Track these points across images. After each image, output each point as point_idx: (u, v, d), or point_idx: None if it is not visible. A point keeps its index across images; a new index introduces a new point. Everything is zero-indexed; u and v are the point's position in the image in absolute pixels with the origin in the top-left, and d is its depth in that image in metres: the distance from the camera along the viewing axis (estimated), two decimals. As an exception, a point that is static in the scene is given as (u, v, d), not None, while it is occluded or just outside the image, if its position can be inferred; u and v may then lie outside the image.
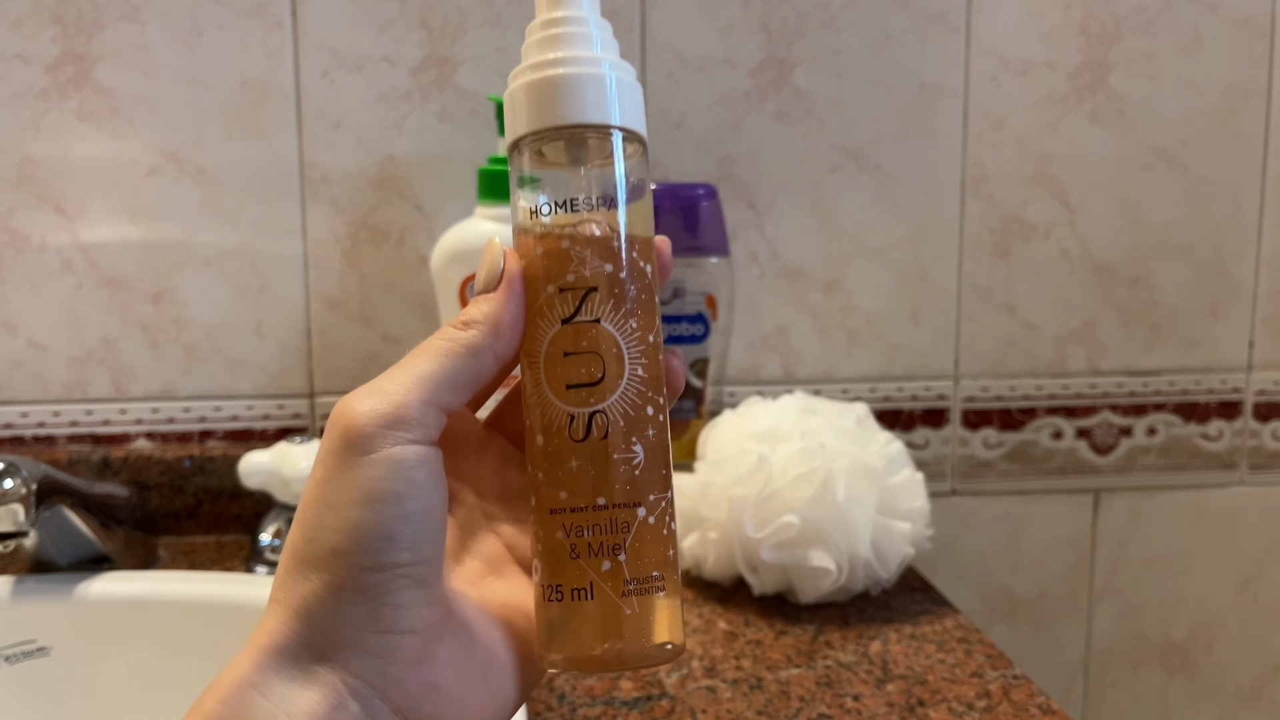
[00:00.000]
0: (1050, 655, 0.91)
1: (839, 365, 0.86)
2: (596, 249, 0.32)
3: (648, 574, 0.32)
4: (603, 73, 0.32)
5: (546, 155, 0.33)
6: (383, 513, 0.28)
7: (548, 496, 0.32)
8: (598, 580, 0.31)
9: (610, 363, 0.32)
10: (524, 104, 0.32)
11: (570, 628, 0.31)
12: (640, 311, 0.32)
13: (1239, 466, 0.91)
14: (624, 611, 0.31)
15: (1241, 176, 0.88)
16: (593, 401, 0.31)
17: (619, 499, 0.31)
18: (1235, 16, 0.86)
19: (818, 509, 0.64)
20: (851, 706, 0.54)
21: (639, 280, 0.32)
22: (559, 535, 0.31)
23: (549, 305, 0.32)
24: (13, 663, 0.59)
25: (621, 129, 0.32)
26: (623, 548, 0.31)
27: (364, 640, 0.28)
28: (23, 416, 0.81)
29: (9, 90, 0.78)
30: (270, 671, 0.28)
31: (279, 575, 0.29)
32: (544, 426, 0.32)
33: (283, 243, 0.81)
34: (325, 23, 0.79)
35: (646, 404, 0.32)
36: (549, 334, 0.32)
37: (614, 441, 0.31)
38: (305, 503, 0.29)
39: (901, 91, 0.84)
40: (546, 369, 0.32)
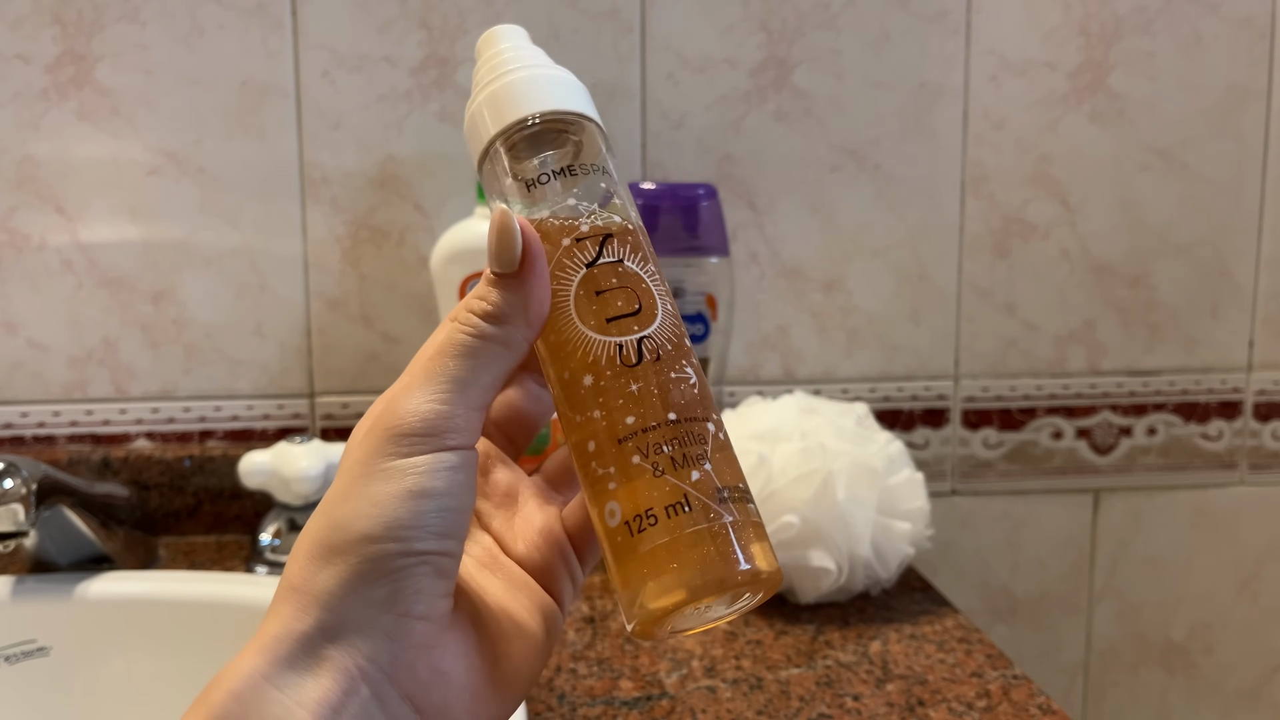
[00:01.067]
0: (1050, 655, 0.91)
1: (839, 365, 0.86)
2: (601, 201, 0.33)
3: (735, 484, 0.31)
4: (550, 74, 0.34)
5: (522, 145, 0.34)
6: (422, 506, 0.28)
7: (611, 428, 0.31)
8: (691, 490, 0.30)
9: (643, 296, 0.32)
10: (490, 110, 0.34)
11: (668, 553, 0.29)
12: (651, 257, 0.33)
13: (1239, 466, 0.91)
14: (724, 518, 0.30)
15: (1241, 176, 0.88)
16: (636, 329, 0.31)
17: (688, 414, 0.31)
18: (1235, 16, 0.86)
19: (818, 509, 0.64)
20: (851, 706, 0.54)
21: (643, 232, 0.34)
22: (635, 460, 0.30)
23: (568, 256, 0.32)
24: (13, 663, 0.59)
25: (584, 115, 0.34)
26: (705, 457, 0.31)
27: (380, 621, 0.28)
28: (23, 416, 0.81)
29: (9, 90, 0.78)
30: (282, 661, 0.28)
31: (297, 564, 0.29)
32: (590, 365, 0.31)
33: (283, 243, 0.81)
34: (325, 23, 0.79)
35: (683, 336, 0.32)
36: (574, 280, 0.32)
37: (667, 362, 0.31)
38: (336, 495, 0.29)
39: (901, 91, 0.84)
40: (580, 312, 0.32)
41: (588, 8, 0.80)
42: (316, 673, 0.28)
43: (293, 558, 0.29)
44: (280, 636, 0.28)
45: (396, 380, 0.31)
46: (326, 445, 0.73)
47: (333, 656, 0.28)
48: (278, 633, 0.28)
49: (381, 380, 0.82)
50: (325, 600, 0.28)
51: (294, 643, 0.28)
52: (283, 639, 0.28)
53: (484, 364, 0.30)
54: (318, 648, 0.28)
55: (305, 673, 0.28)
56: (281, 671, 0.28)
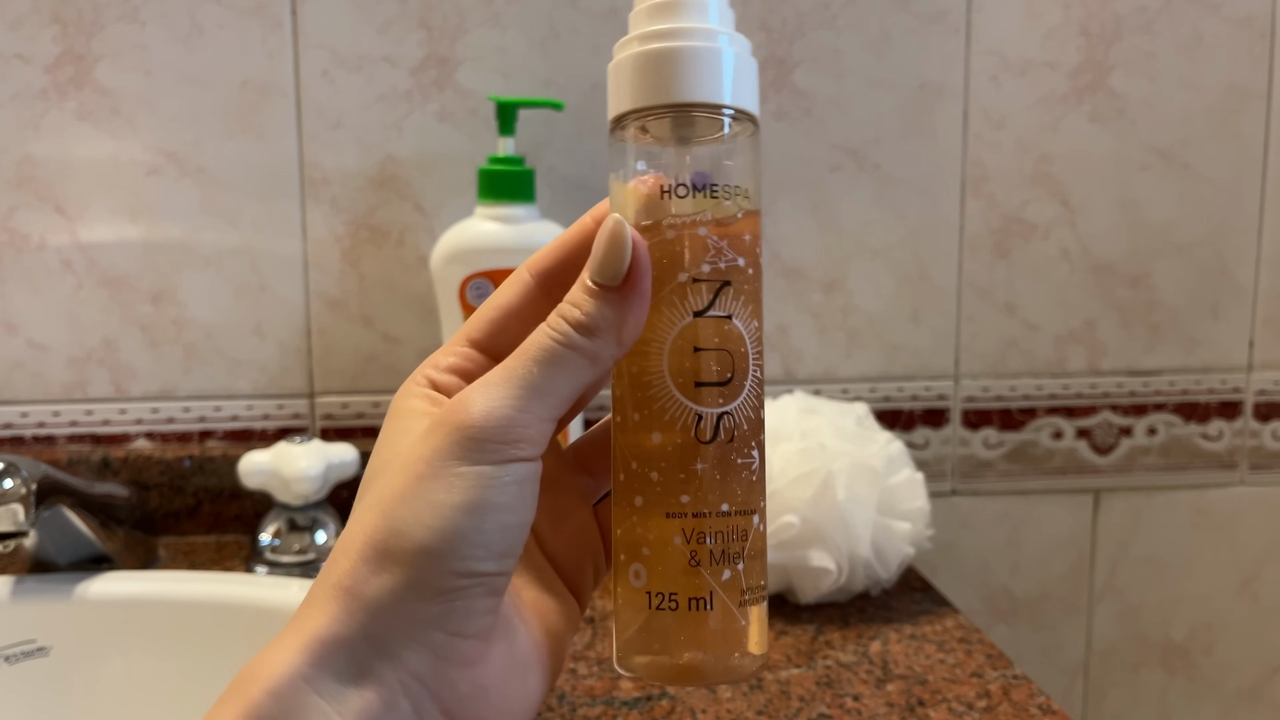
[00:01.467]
0: (1050, 655, 0.91)
1: (839, 365, 0.86)
2: (732, 241, 0.30)
3: (758, 583, 0.31)
4: (716, 47, 0.30)
5: (657, 133, 0.30)
6: (484, 521, 0.27)
7: (664, 498, 0.30)
8: (718, 590, 0.30)
9: (738, 362, 0.30)
10: (633, 77, 0.30)
11: (675, 637, 0.30)
12: (759, 309, 0.31)
13: (1239, 466, 0.91)
14: (738, 623, 0.30)
15: (1241, 176, 0.88)
16: (721, 402, 0.30)
17: (741, 506, 0.30)
18: (1235, 16, 0.86)
19: (818, 509, 0.64)
20: (851, 706, 0.54)
21: (758, 276, 0.31)
22: (677, 541, 0.30)
23: (678, 295, 0.30)
24: (13, 663, 0.59)
25: (734, 108, 0.30)
26: (741, 556, 0.30)
27: (429, 639, 0.28)
28: (23, 416, 0.81)
29: (9, 90, 0.78)
30: (325, 665, 0.27)
31: (349, 560, 0.28)
32: (664, 424, 0.30)
33: (283, 243, 0.81)
34: (325, 23, 0.79)
35: (761, 407, 0.31)
36: (677, 326, 0.30)
37: (739, 445, 0.30)
38: (394, 492, 0.28)
39: (901, 91, 0.84)
40: (672, 363, 0.30)
41: (587, 7, 0.80)
42: (360, 683, 0.27)
43: (343, 551, 0.28)
44: (325, 640, 0.27)
45: None
46: (326, 445, 0.73)
47: (377, 668, 0.27)
48: (322, 634, 0.27)
49: (382, 380, 0.82)
50: (376, 610, 0.27)
51: (339, 648, 0.27)
52: (328, 643, 0.27)
53: (565, 375, 0.29)
54: (363, 657, 0.27)
55: (348, 681, 0.27)
56: (323, 676, 0.27)
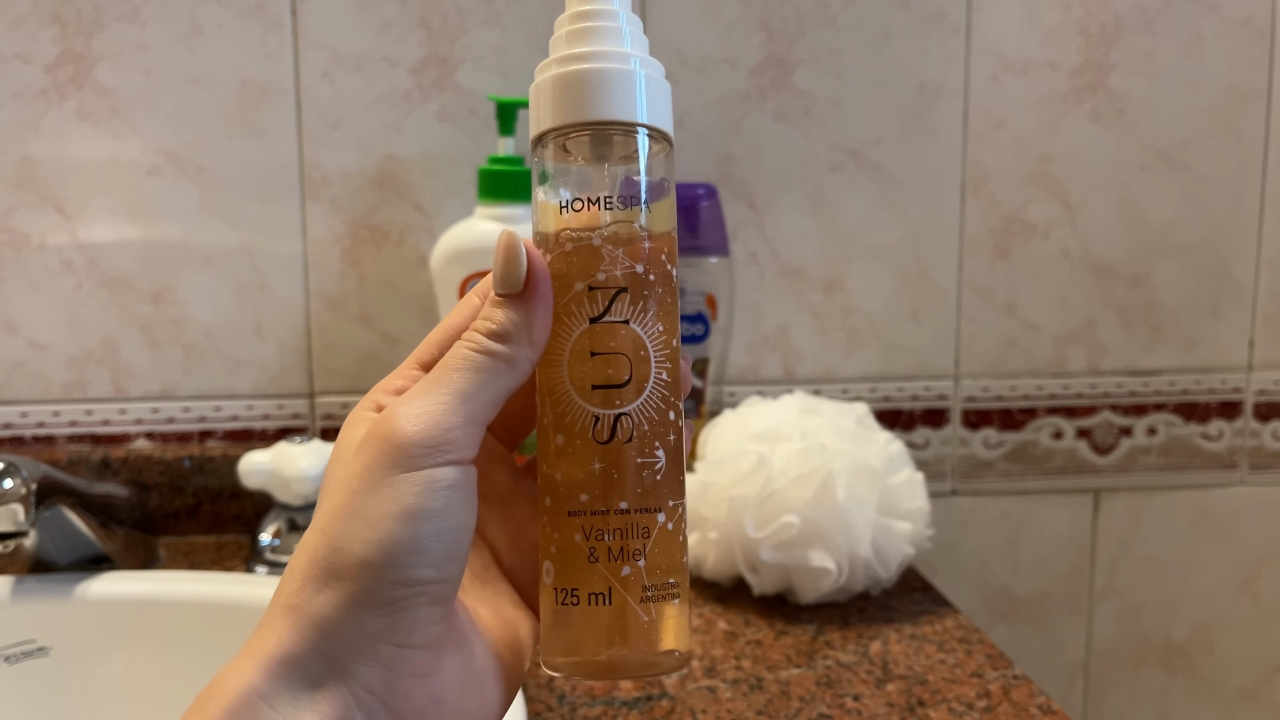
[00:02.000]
0: (1050, 655, 0.91)
1: (839, 365, 0.86)
2: (628, 249, 0.31)
3: (664, 580, 0.31)
4: (632, 69, 0.32)
5: (572, 151, 0.32)
6: (419, 529, 0.28)
7: (566, 498, 0.31)
8: (616, 586, 0.31)
9: (637, 365, 0.31)
10: (552, 98, 0.32)
11: (581, 632, 0.31)
12: (665, 315, 0.32)
13: (1239, 466, 0.91)
14: (640, 618, 0.31)
15: (1241, 176, 0.88)
16: (618, 404, 0.31)
17: (641, 504, 0.31)
18: (1235, 16, 0.86)
19: (818, 509, 0.64)
20: (851, 706, 0.54)
21: (665, 283, 0.32)
22: (577, 538, 0.31)
23: (576, 303, 0.31)
24: (13, 663, 0.59)
25: (649, 127, 0.32)
26: (643, 553, 0.31)
27: (378, 652, 0.28)
28: (23, 416, 0.81)
29: (9, 90, 0.78)
30: (280, 682, 0.28)
31: (295, 580, 0.29)
32: (565, 426, 0.31)
33: (282, 243, 0.81)
34: (325, 23, 0.79)
35: (669, 409, 0.32)
36: (575, 332, 0.31)
37: (638, 445, 0.31)
38: (333, 510, 0.29)
39: (901, 91, 0.84)
40: (571, 368, 0.31)
41: (588, 8, 0.80)
42: (314, 699, 0.28)
43: (289, 572, 0.29)
44: (278, 657, 0.28)
45: None
46: (326, 445, 0.73)
47: (329, 683, 0.28)
48: (275, 653, 0.28)
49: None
50: (323, 626, 0.28)
51: (292, 666, 0.28)
52: (281, 660, 0.28)
53: (486, 379, 0.30)
54: (315, 672, 0.28)
55: (303, 697, 0.28)
56: (279, 692, 0.28)
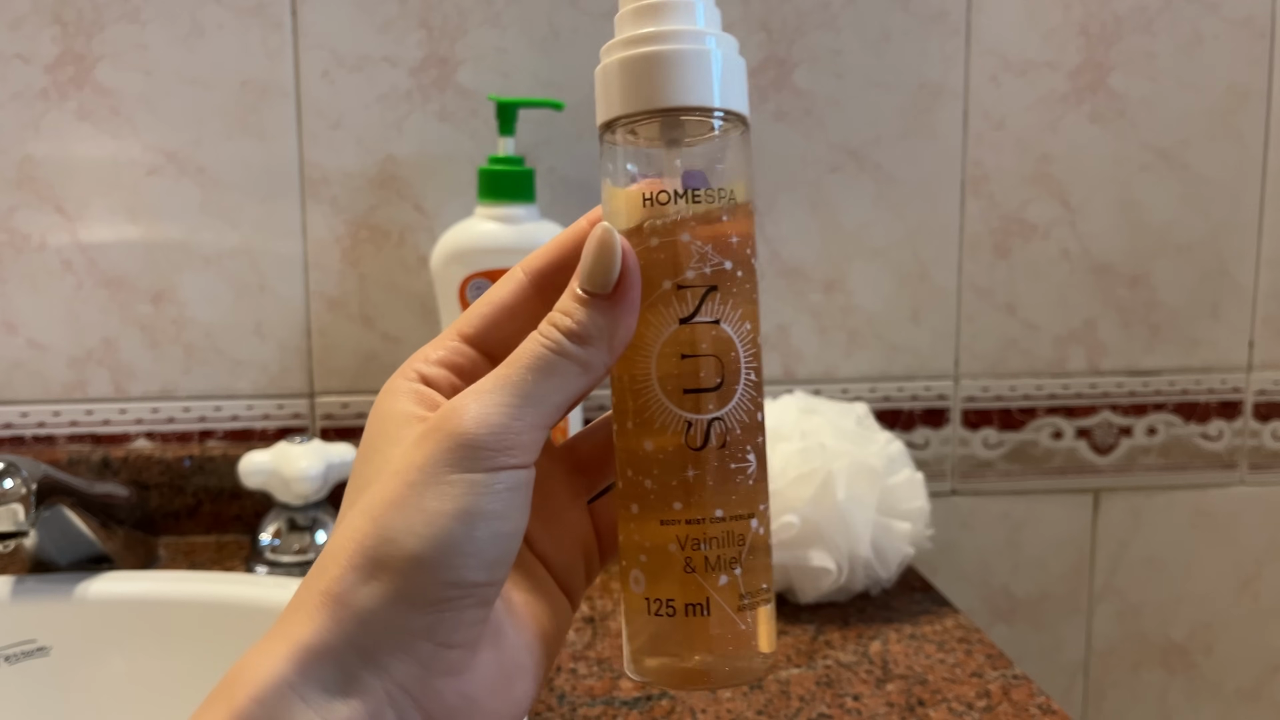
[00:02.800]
0: (1050, 655, 0.91)
1: (839, 365, 0.86)
2: (718, 245, 0.30)
3: (758, 586, 0.31)
4: (707, 49, 0.30)
5: (645, 140, 0.31)
6: (476, 530, 0.27)
7: (658, 505, 0.30)
8: (714, 596, 0.30)
9: (728, 367, 0.30)
10: (621, 82, 0.30)
11: (677, 641, 0.30)
12: (751, 311, 0.31)
13: (1239, 466, 0.91)
14: (738, 627, 0.30)
15: (1241, 176, 0.88)
16: (711, 408, 0.30)
17: (736, 511, 0.30)
18: (1235, 16, 0.86)
19: (818, 509, 0.64)
20: (851, 706, 0.54)
21: (750, 277, 0.31)
22: (671, 547, 0.30)
23: (664, 302, 0.30)
24: (13, 663, 0.59)
25: (726, 111, 0.30)
26: (739, 562, 0.30)
27: (417, 649, 0.27)
28: (23, 416, 0.81)
29: (9, 90, 0.78)
30: (311, 674, 0.27)
31: (338, 566, 0.28)
32: (654, 432, 0.30)
33: (283, 243, 0.81)
34: (325, 23, 0.79)
35: (757, 410, 0.31)
36: (664, 333, 0.30)
37: (732, 450, 0.30)
38: (385, 499, 0.28)
39: (901, 91, 0.84)
40: (660, 371, 0.30)
41: (587, 7, 0.80)
42: (346, 693, 0.27)
43: (332, 557, 0.28)
44: (312, 648, 0.27)
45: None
46: (326, 445, 0.73)
47: (363, 678, 0.27)
48: (310, 642, 0.27)
49: (382, 380, 0.82)
50: (365, 619, 0.27)
51: (327, 657, 0.27)
52: (315, 652, 0.27)
53: (558, 383, 0.29)
54: (350, 666, 0.27)
55: (335, 691, 0.27)
56: (310, 685, 0.27)
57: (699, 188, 0.30)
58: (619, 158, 0.31)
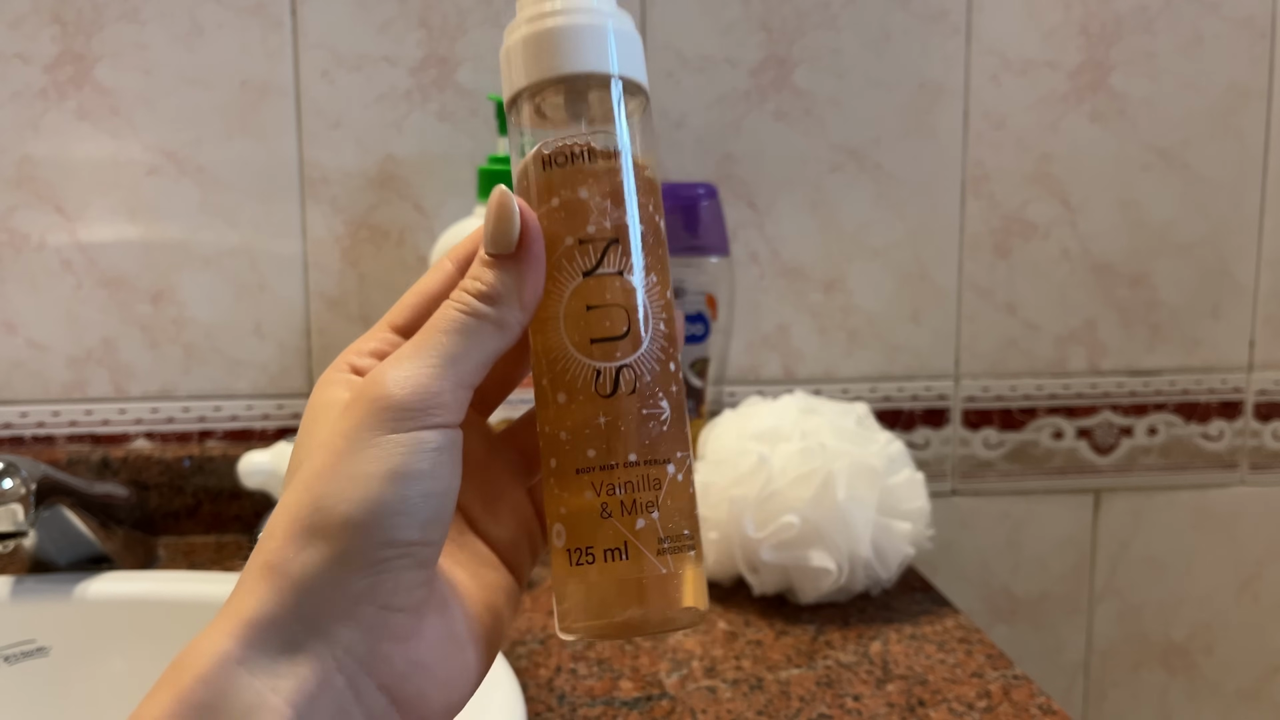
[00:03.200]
0: (1050, 655, 0.91)
1: (839, 365, 0.86)
2: (615, 199, 0.31)
3: (680, 532, 0.31)
4: (600, 23, 0.31)
5: (548, 109, 0.32)
6: (406, 489, 0.28)
7: (573, 455, 0.31)
8: (632, 539, 0.30)
9: (634, 316, 0.31)
10: (523, 57, 0.31)
11: (598, 591, 0.30)
12: (657, 265, 0.32)
13: (1240, 466, 0.91)
14: (659, 570, 0.30)
15: (1241, 176, 0.88)
16: (619, 356, 0.31)
17: (650, 455, 0.31)
18: (1235, 16, 0.86)
19: (818, 509, 0.64)
20: (852, 706, 0.54)
21: (655, 233, 0.32)
22: (588, 495, 0.30)
23: (568, 258, 0.31)
24: (12, 663, 0.59)
25: (623, 78, 0.32)
26: (655, 505, 0.30)
27: (360, 614, 0.28)
28: (22, 416, 0.81)
29: (9, 90, 0.78)
30: (255, 645, 0.27)
31: (274, 539, 0.28)
32: (566, 384, 0.31)
33: (282, 242, 0.81)
34: (325, 22, 0.79)
35: (669, 359, 0.31)
36: (569, 288, 0.31)
37: (641, 396, 0.31)
38: (317, 469, 0.28)
39: (901, 91, 0.84)
40: (568, 324, 0.31)
41: (588, 7, 0.80)
42: (293, 660, 0.27)
43: (269, 532, 0.28)
44: (255, 621, 0.27)
45: None
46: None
47: (309, 645, 0.27)
48: (252, 616, 0.27)
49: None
50: (304, 586, 0.27)
51: (270, 628, 0.27)
52: (259, 623, 0.27)
53: (475, 342, 0.30)
54: (294, 635, 0.27)
55: (280, 660, 0.27)
56: (255, 657, 0.27)
57: (597, 148, 0.31)
58: (525, 130, 0.32)
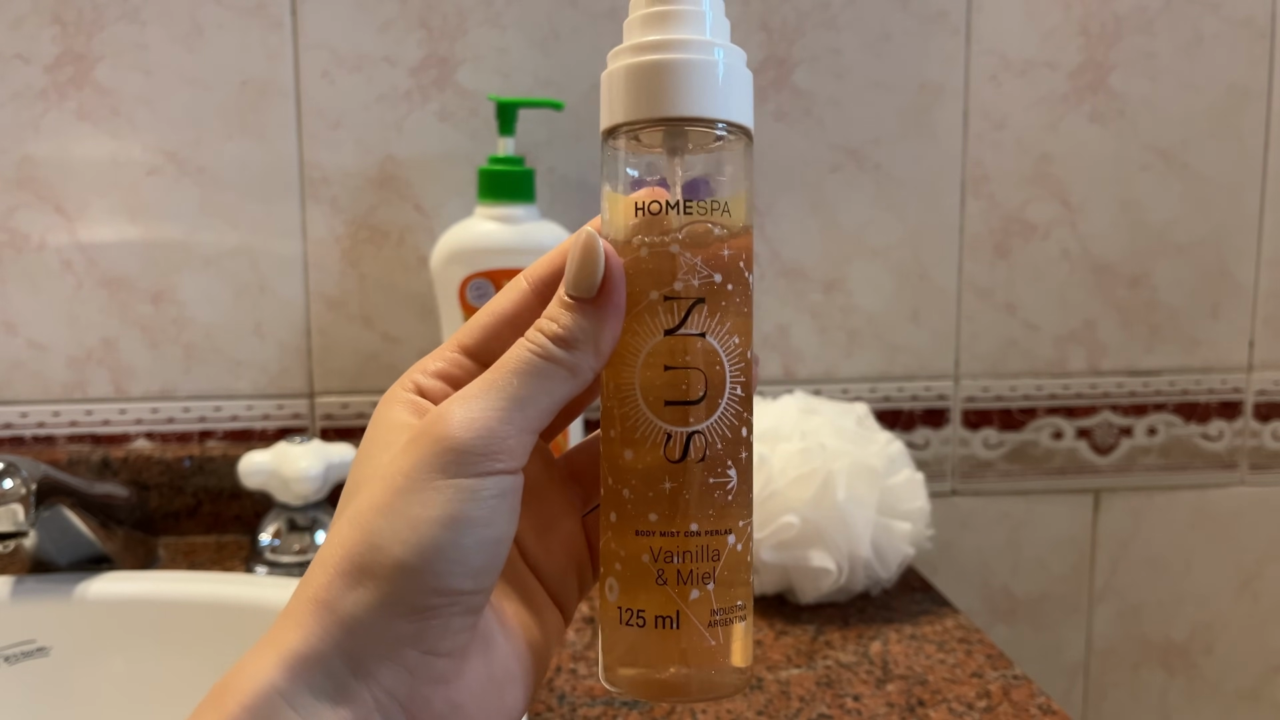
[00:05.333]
0: (1050, 655, 0.91)
1: (839, 365, 0.86)
2: (707, 257, 0.30)
3: (733, 603, 0.30)
4: (712, 59, 0.30)
5: (646, 147, 0.30)
6: (462, 537, 0.27)
7: (634, 516, 0.30)
8: (685, 610, 0.30)
9: (712, 380, 0.30)
10: (625, 89, 0.30)
11: (647, 652, 0.30)
12: (740, 325, 0.31)
13: (1239, 466, 0.91)
14: (708, 642, 0.30)
15: (1241, 176, 0.88)
16: (692, 421, 0.30)
17: (712, 526, 0.30)
18: (1235, 16, 0.86)
19: (818, 509, 0.64)
20: (851, 706, 0.54)
21: (742, 291, 0.31)
22: (644, 558, 0.30)
23: (650, 313, 0.30)
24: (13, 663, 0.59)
25: (728, 123, 0.30)
26: (712, 577, 0.30)
27: (404, 656, 0.28)
28: (22, 416, 0.81)
29: (9, 90, 0.78)
30: (301, 681, 0.27)
31: (326, 573, 0.28)
32: (634, 442, 0.30)
33: (283, 243, 0.81)
34: (325, 23, 0.79)
35: (742, 425, 0.31)
36: (648, 344, 0.30)
37: (711, 465, 0.30)
38: (374, 505, 0.28)
39: (901, 91, 0.84)
40: (643, 381, 0.30)
41: (587, 7, 0.80)
42: (335, 700, 0.27)
43: (321, 565, 0.28)
44: (301, 655, 0.27)
45: None
46: (326, 445, 0.73)
47: (352, 686, 0.27)
48: (299, 649, 0.27)
49: (382, 380, 0.82)
50: (352, 626, 0.27)
51: (315, 665, 0.27)
52: (304, 659, 0.27)
53: (546, 387, 0.29)
54: (338, 674, 0.27)
55: (324, 698, 0.27)
56: (300, 692, 0.27)
57: (693, 199, 0.30)
58: (619, 164, 0.31)
